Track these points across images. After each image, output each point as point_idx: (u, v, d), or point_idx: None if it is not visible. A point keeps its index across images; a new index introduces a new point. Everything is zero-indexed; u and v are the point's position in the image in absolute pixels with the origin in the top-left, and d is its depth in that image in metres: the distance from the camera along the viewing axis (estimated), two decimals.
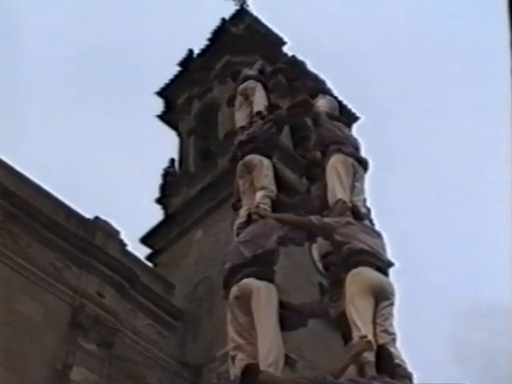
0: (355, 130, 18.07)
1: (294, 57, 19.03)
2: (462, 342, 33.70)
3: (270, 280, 6.33)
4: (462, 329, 34.63)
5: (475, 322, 32.67)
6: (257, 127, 7.95)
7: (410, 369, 5.75)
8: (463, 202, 36.23)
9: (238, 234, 6.92)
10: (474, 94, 38.25)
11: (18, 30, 36.31)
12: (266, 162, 7.55)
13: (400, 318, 6.11)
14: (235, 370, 5.80)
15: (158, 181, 20.20)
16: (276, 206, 7.16)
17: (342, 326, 6.14)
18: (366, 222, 6.77)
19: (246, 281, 6.21)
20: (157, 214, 19.60)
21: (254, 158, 7.55)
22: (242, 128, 8.28)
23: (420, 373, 6.04)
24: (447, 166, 39.04)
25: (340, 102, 12.08)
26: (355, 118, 21.14)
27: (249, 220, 6.92)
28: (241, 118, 8.55)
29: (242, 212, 7.19)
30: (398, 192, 33.69)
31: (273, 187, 7.34)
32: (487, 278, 32.09)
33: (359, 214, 6.70)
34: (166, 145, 22.49)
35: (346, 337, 6.10)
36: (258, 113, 8.18)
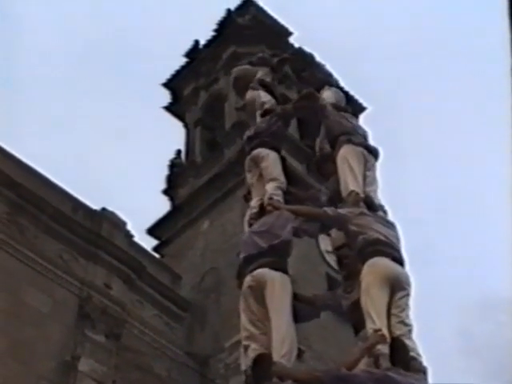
0: (362, 121, 18.03)
1: (301, 49, 19.07)
2: (469, 334, 33.68)
3: (285, 271, 6.35)
4: (469, 321, 34.57)
5: (483, 314, 32.67)
6: (263, 122, 8.00)
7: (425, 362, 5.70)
8: (472, 193, 36.09)
9: (250, 225, 6.93)
10: (475, 88, 38.13)
11: (23, 19, 36.29)
12: (273, 155, 7.65)
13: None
14: (247, 360, 5.79)
15: (164, 172, 20.21)
16: (287, 197, 7.20)
17: (354, 316, 6.12)
18: (380, 212, 6.76)
19: (260, 271, 6.21)
20: (163, 205, 19.63)
21: (261, 151, 7.66)
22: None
23: (428, 364, 5.99)
24: (454, 158, 38.91)
25: (347, 93, 12.04)
26: (362, 109, 21.09)
27: (261, 211, 6.94)
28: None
29: (254, 203, 7.22)
30: (406, 184, 33.60)
31: (282, 178, 7.41)
32: (495, 270, 32.00)
33: (373, 205, 6.71)
34: (172, 136, 22.49)
35: (357, 327, 6.09)
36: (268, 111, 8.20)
